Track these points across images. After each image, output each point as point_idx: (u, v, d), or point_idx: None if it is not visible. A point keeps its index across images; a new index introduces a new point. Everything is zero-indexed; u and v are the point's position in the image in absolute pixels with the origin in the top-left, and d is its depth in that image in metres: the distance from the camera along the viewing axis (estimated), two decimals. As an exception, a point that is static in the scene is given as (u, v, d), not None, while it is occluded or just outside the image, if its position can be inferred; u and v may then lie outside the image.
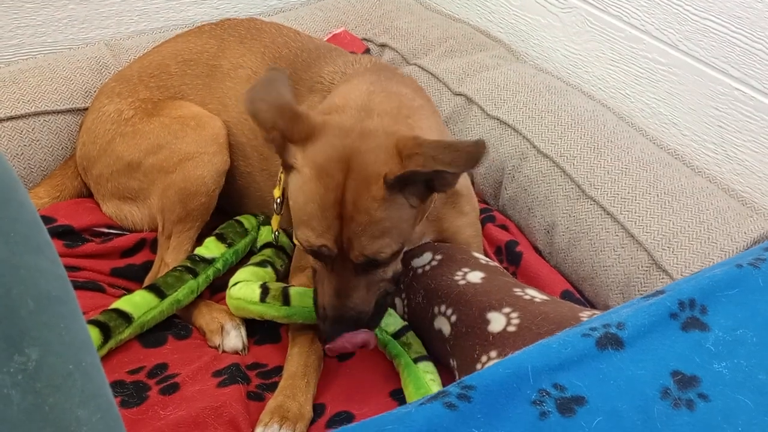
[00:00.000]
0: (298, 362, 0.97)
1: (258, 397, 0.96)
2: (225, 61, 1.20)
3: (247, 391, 0.96)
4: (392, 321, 1.01)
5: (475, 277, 0.99)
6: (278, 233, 1.07)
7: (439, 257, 1.04)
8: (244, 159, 1.19)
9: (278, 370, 1.01)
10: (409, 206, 0.85)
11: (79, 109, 1.34)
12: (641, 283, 1.10)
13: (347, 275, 0.86)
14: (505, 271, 1.06)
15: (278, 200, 1.09)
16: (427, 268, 1.02)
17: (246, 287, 1.03)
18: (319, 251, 0.84)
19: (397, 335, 1.00)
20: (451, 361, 0.96)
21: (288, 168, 0.86)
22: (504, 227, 1.30)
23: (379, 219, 0.82)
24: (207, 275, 1.11)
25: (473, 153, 0.78)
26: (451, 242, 1.10)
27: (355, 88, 0.94)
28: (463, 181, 1.13)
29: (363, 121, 0.86)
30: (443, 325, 0.97)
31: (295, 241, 0.91)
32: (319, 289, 0.89)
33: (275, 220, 1.13)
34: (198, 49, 1.23)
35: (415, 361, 0.97)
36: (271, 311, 1.01)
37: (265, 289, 1.01)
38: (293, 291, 1.00)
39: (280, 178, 1.09)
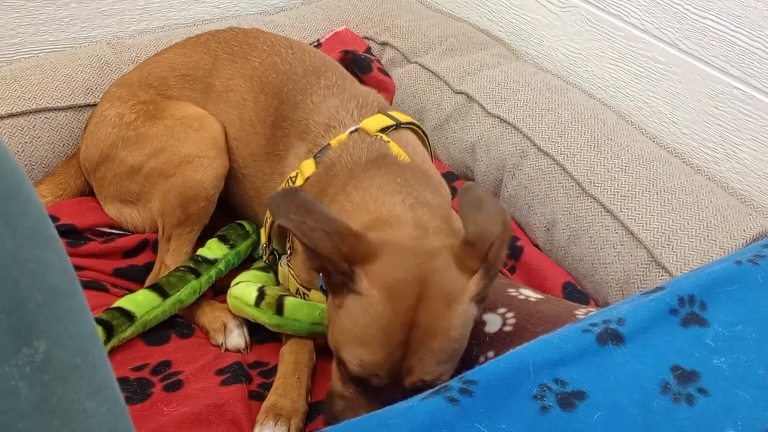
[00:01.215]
0: (288, 361, 0.97)
1: (259, 396, 0.97)
2: (218, 81, 1.19)
3: (249, 390, 0.96)
4: None
5: None
6: (264, 289, 1.01)
7: None
8: (237, 183, 1.18)
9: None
10: (475, 308, 0.81)
11: (80, 106, 1.34)
12: (641, 280, 1.11)
13: (386, 403, 0.73)
14: (499, 272, 1.06)
15: (264, 246, 1.07)
16: None
17: (245, 288, 1.04)
18: (366, 379, 0.78)
19: None
20: None
21: (341, 290, 0.80)
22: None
23: (455, 339, 0.78)
24: (209, 276, 1.12)
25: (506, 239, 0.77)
26: None
27: (387, 200, 0.89)
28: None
29: (422, 239, 0.81)
30: None
31: (334, 365, 0.83)
32: (348, 413, 0.80)
33: (264, 234, 1.10)
34: (194, 65, 1.21)
35: None
36: (263, 317, 1.01)
37: (261, 294, 1.02)
38: (288, 302, 1.00)
39: (266, 223, 1.06)
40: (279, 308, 1.00)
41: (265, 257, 1.12)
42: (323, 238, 0.76)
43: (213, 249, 1.15)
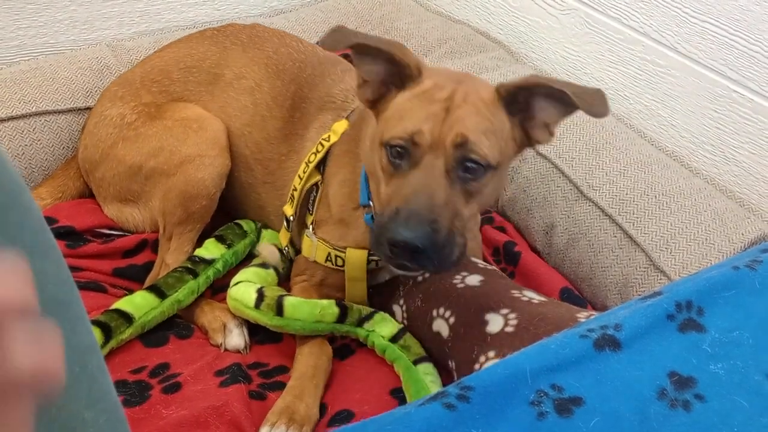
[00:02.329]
0: (307, 363, 0.96)
1: (260, 396, 0.97)
2: (227, 70, 1.20)
3: (248, 390, 0.96)
4: (388, 326, 1.02)
5: (474, 280, 1.00)
6: (288, 249, 1.05)
7: None
8: (246, 170, 1.19)
9: (279, 369, 1.02)
10: (510, 129, 0.90)
11: (80, 109, 1.34)
12: (639, 284, 1.11)
13: (435, 174, 0.84)
14: (503, 274, 1.07)
15: (291, 218, 1.10)
16: (426, 274, 1.03)
17: (245, 289, 1.04)
18: (410, 139, 0.85)
19: (394, 339, 1.00)
20: (449, 362, 0.97)
21: (384, 100, 0.91)
22: (502, 229, 1.30)
23: (485, 115, 0.86)
24: (207, 276, 1.12)
25: (594, 95, 0.85)
26: None
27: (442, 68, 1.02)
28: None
29: (467, 74, 0.97)
30: (441, 327, 0.97)
31: (378, 146, 0.90)
32: (395, 196, 0.85)
33: (284, 236, 1.13)
34: (200, 56, 1.23)
35: (415, 363, 0.97)
36: (264, 319, 1.01)
37: (260, 296, 1.02)
38: (288, 302, 1.01)
39: (292, 195, 1.09)
40: (279, 309, 1.00)
41: (285, 242, 1.12)
42: (377, 40, 0.89)
43: (210, 249, 1.15)
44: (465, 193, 0.86)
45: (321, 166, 1.08)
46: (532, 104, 0.89)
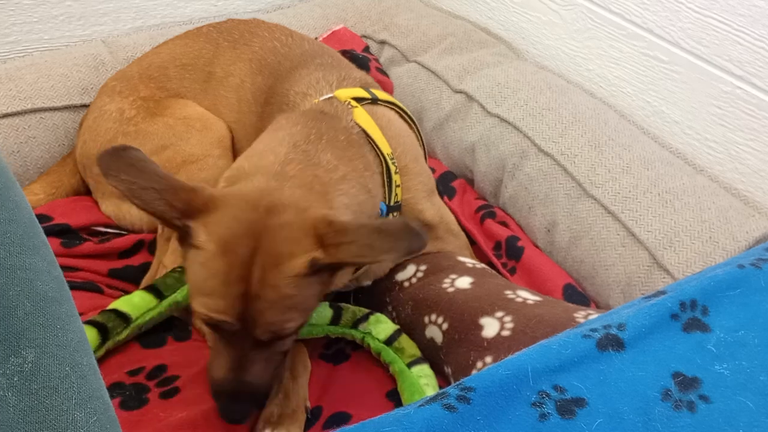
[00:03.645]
0: (285, 368, 0.96)
1: None
2: (218, 68, 1.19)
3: None
4: (383, 327, 1.01)
5: (464, 282, 0.98)
6: None
7: (423, 268, 1.02)
8: None
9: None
10: (319, 283, 0.81)
11: (76, 106, 1.33)
12: (642, 283, 1.10)
13: (246, 349, 0.81)
14: (494, 272, 1.05)
15: None
16: (413, 280, 1.01)
17: None
18: (217, 325, 0.80)
19: (389, 341, 0.99)
20: (445, 368, 0.96)
21: (185, 244, 0.80)
22: (504, 224, 1.29)
23: (289, 295, 0.78)
24: (206, 276, 1.11)
25: (412, 234, 0.74)
26: None
27: (271, 150, 0.89)
28: (434, 211, 1.09)
29: (272, 193, 0.81)
30: (435, 333, 0.96)
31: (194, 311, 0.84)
32: (213, 360, 0.84)
33: None
34: (195, 54, 1.22)
35: (409, 365, 0.96)
36: None
37: None
38: None
39: None
40: None
41: None
42: (155, 197, 0.76)
43: (210, 249, 1.14)
44: (280, 345, 0.85)
45: None
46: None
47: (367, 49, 1.59)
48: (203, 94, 1.20)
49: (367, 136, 0.99)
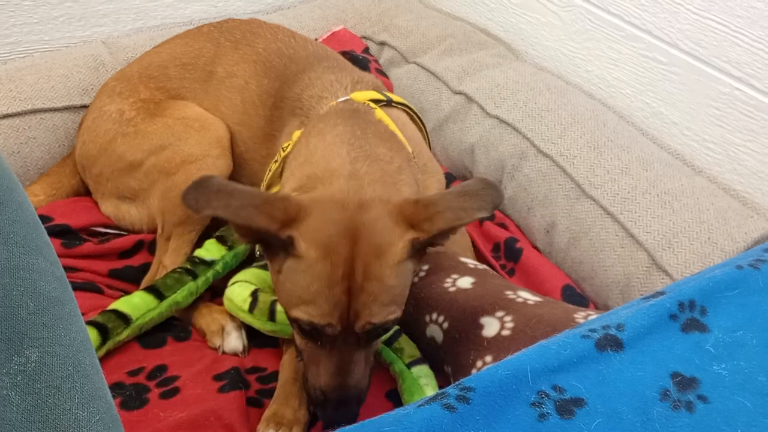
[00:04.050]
0: (290, 369, 0.96)
1: (257, 403, 0.96)
2: (220, 68, 1.20)
3: (246, 396, 0.96)
4: None
5: (465, 282, 0.98)
6: (257, 295, 1.01)
7: (426, 267, 1.03)
8: (240, 169, 1.18)
9: (277, 374, 1.00)
10: (413, 269, 0.84)
11: (76, 107, 1.33)
12: (641, 283, 1.10)
13: (349, 350, 0.82)
14: (495, 273, 1.06)
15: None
16: (415, 279, 1.02)
17: (240, 291, 1.03)
18: (321, 330, 0.80)
19: (389, 341, 1.00)
20: (445, 367, 0.96)
21: (279, 256, 0.81)
22: (503, 225, 1.29)
23: (391, 286, 0.80)
24: (206, 277, 1.11)
25: (493, 189, 0.80)
26: None
27: (332, 152, 0.91)
28: None
29: (356, 192, 0.84)
30: (435, 332, 0.96)
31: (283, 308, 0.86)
32: (312, 370, 0.84)
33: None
34: (195, 53, 1.22)
35: (409, 365, 0.96)
36: (257, 323, 1.01)
37: (254, 299, 1.01)
38: (279, 307, 1.00)
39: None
40: (272, 314, 1.00)
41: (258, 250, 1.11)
42: (254, 212, 0.77)
43: (211, 250, 1.14)
44: (376, 342, 0.87)
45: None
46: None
47: (366, 50, 1.60)
48: (204, 94, 1.20)
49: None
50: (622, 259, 1.13)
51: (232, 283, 1.06)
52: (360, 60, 1.50)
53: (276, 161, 1.03)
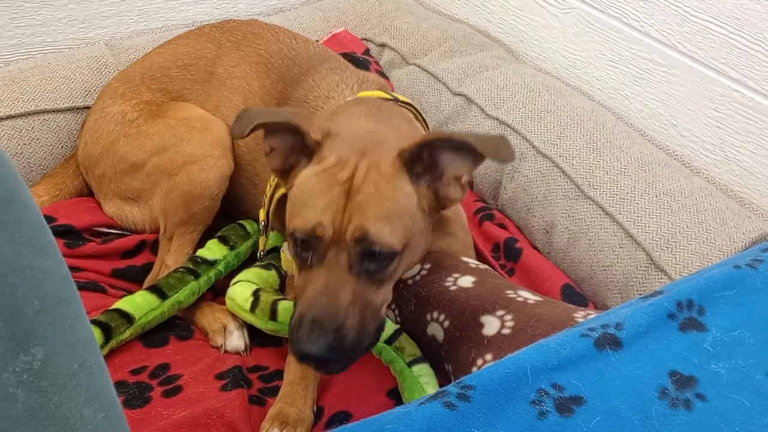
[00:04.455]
0: (295, 369, 0.96)
1: (259, 401, 0.97)
2: (221, 68, 1.20)
3: (249, 395, 0.96)
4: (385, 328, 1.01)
5: (466, 281, 0.99)
6: (259, 294, 1.02)
7: (428, 266, 1.03)
8: (242, 170, 1.19)
9: (279, 373, 1.01)
10: (416, 202, 0.85)
11: (78, 108, 1.34)
12: (640, 283, 1.11)
13: (338, 270, 0.80)
14: (496, 273, 1.06)
15: (263, 222, 1.09)
16: (417, 278, 1.02)
17: (242, 290, 1.04)
18: (312, 233, 0.80)
19: (389, 340, 1.00)
20: (446, 365, 0.96)
21: (291, 174, 0.88)
22: (502, 226, 1.30)
23: (386, 196, 0.82)
24: (209, 277, 1.12)
25: (498, 141, 0.82)
26: None
27: (350, 119, 0.96)
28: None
29: (372, 134, 0.91)
30: (436, 331, 0.97)
31: (287, 240, 0.89)
32: (301, 301, 0.82)
33: (262, 242, 1.12)
34: (197, 54, 1.23)
35: (410, 364, 0.97)
36: (259, 323, 1.02)
37: (256, 299, 1.01)
38: (281, 306, 1.00)
39: (264, 201, 1.08)
40: (273, 314, 1.00)
41: (262, 246, 1.11)
42: (292, 114, 0.88)
43: (213, 250, 1.15)
44: (374, 281, 0.83)
45: None
46: (438, 161, 0.85)
47: (367, 51, 1.60)
48: (205, 95, 1.21)
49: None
50: (621, 258, 1.13)
51: (234, 283, 1.06)
52: (360, 62, 1.51)
53: None
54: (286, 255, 1.04)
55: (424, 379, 0.95)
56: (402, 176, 0.84)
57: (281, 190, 1.05)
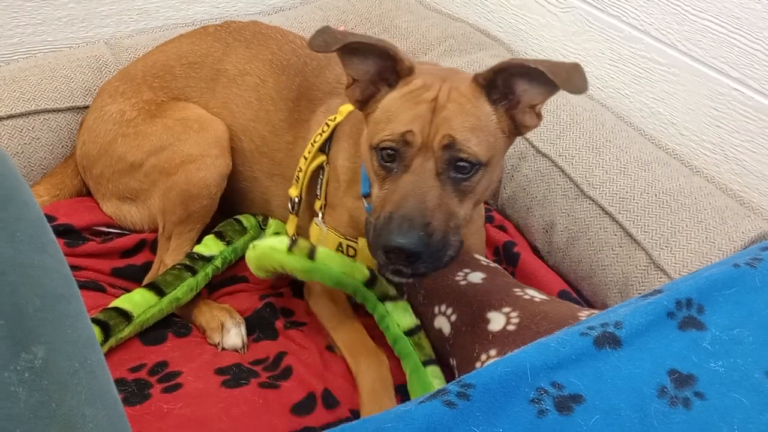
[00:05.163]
0: (372, 378, 0.95)
1: (272, 386, 0.97)
2: (230, 66, 1.21)
3: (259, 383, 0.96)
4: (408, 318, 1.00)
5: (476, 277, 0.99)
6: (296, 238, 1.02)
7: None
8: (251, 165, 1.19)
9: (280, 357, 1.01)
10: (496, 121, 0.89)
11: (78, 108, 1.34)
12: (639, 282, 1.11)
13: (425, 176, 0.85)
14: (505, 272, 1.07)
15: (296, 199, 1.10)
16: None
17: (276, 237, 1.01)
18: (401, 140, 0.85)
19: (409, 333, 0.99)
20: (450, 359, 0.97)
21: (373, 99, 0.91)
22: (502, 228, 1.30)
23: (469, 112, 0.87)
24: (206, 273, 1.12)
25: (571, 69, 0.83)
26: None
27: (429, 66, 0.99)
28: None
29: (450, 69, 0.97)
30: (443, 324, 0.97)
31: (369, 149, 0.91)
32: (387, 200, 0.86)
33: (292, 222, 1.12)
34: (203, 52, 1.23)
35: (425, 364, 0.96)
36: (293, 262, 0.98)
37: (293, 241, 0.99)
38: (321, 250, 0.99)
39: (298, 177, 1.10)
40: (311, 253, 0.98)
41: (292, 230, 1.11)
42: (375, 40, 0.88)
43: (209, 246, 1.15)
44: (458, 192, 0.87)
45: (327, 148, 1.09)
46: (513, 88, 0.89)
47: (367, 51, 1.60)
48: (210, 93, 1.21)
49: None
50: (621, 258, 1.14)
51: (255, 245, 1.02)
52: (360, 61, 1.51)
53: (321, 132, 1.08)
54: (320, 227, 1.04)
55: (437, 381, 0.95)
56: (481, 97, 0.89)
57: (317, 161, 1.08)
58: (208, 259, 1.13)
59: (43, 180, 1.29)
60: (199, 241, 1.17)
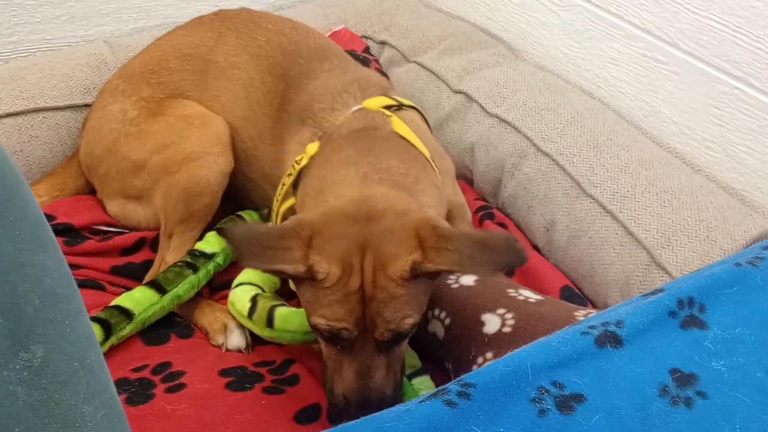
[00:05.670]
0: None
1: (277, 390, 0.97)
2: (220, 57, 1.19)
3: (263, 387, 0.96)
4: None
5: (468, 279, 0.99)
6: (257, 298, 1.02)
7: None
8: (247, 165, 1.18)
9: (288, 363, 1.01)
10: (426, 282, 0.86)
11: (78, 106, 1.34)
12: (640, 282, 1.11)
13: (369, 355, 0.85)
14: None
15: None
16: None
17: (242, 295, 1.03)
18: (338, 334, 0.84)
19: None
20: (446, 364, 0.97)
21: (305, 278, 0.84)
22: (503, 226, 1.30)
23: (399, 295, 0.83)
24: (207, 270, 1.11)
25: (513, 252, 0.79)
26: None
27: (338, 171, 0.93)
28: (456, 199, 1.13)
29: (367, 201, 0.86)
30: (437, 328, 0.97)
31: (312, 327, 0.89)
32: (336, 378, 0.87)
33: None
34: (196, 43, 1.22)
35: (410, 377, 0.96)
36: (256, 329, 1.02)
37: (253, 305, 1.01)
38: (278, 313, 1.00)
39: (272, 214, 1.08)
40: (269, 321, 1.00)
41: None
42: (281, 255, 0.81)
43: (211, 242, 1.14)
44: (399, 349, 0.88)
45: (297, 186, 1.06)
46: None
47: (367, 49, 1.60)
48: (203, 85, 1.19)
49: (408, 141, 1.03)
50: (622, 257, 1.13)
51: (236, 286, 1.06)
52: (361, 59, 1.51)
53: (289, 174, 1.04)
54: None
55: (423, 393, 0.94)
56: (409, 276, 0.83)
57: (288, 203, 1.05)
58: (209, 256, 1.12)
59: (44, 179, 1.29)
60: (200, 237, 1.16)
